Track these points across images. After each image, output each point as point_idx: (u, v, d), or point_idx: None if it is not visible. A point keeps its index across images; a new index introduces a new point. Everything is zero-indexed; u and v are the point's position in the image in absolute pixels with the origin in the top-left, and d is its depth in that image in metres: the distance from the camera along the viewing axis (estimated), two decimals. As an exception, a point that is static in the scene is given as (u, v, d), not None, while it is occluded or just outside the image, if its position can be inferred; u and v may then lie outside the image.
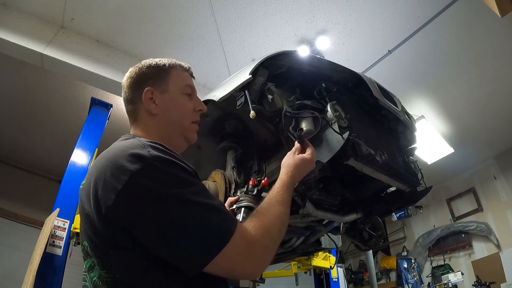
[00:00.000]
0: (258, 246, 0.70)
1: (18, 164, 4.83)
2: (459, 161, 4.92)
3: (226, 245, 0.64)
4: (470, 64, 3.42)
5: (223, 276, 0.69)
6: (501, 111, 4.08)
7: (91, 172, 0.75)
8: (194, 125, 0.94)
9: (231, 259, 0.65)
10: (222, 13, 2.83)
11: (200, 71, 3.37)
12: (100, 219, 0.67)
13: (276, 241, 0.76)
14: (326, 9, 2.84)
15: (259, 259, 0.70)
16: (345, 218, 1.38)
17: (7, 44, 2.65)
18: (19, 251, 4.05)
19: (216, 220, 0.67)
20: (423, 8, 2.83)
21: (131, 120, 0.92)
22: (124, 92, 0.93)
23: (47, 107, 3.79)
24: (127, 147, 0.72)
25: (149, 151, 0.70)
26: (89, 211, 0.70)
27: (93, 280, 0.70)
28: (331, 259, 3.67)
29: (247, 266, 0.68)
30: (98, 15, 2.81)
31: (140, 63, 0.94)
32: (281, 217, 0.79)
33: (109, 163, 0.70)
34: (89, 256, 0.72)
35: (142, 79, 0.90)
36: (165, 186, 0.66)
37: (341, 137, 1.03)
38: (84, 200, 0.73)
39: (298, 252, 1.78)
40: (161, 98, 0.89)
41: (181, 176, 0.69)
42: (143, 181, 0.65)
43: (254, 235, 0.70)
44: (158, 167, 0.68)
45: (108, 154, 0.74)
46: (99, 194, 0.68)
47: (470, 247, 5.09)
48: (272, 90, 1.08)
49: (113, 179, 0.66)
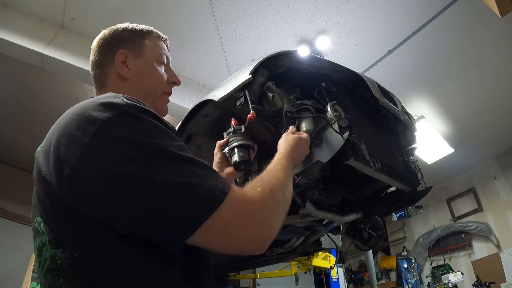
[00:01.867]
0: (260, 205, 0.58)
1: (18, 164, 4.82)
2: (459, 161, 4.92)
3: (221, 204, 0.52)
4: (470, 64, 3.42)
5: (220, 249, 0.56)
6: (501, 111, 4.08)
7: (51, 132, 0.63)
8: (166, 96, 0.89)
9: (228, 221, 0.53)
10: (222, 13, 2.83)
11: (200, 71, 3.37)
12: (60, 182, 0.54)
13: (280, 203, 0.65)
14: (326, 9, 2.84)
15: (263, 221, 0.58)
16: (345, 218, 1.38)
17: (7, 44, 2.64)
18: (19, 251, 4.04)
19: (206, 176, 0.55)
20: (423, 8, 2.83)
21: (98, 85, 0.85)
22: (93, 54, 0.86)
23: (47, 107, 3.79)
24: (97, 99, 0.62)
25: (122, 99, 0.60)
26: (46, 173, 0.57)
27: (44, 264, 0.56)
28: (331, 259, 3.67)
29: (250, 231, 0.56)
30: (98, 15, 2.81)
31: (112, 27, 0.88)
32: (283, 181, 0.69)
33: (75, 117, 0.59)
34: (39, 233, 0.58)
35: (116, 42, 0.84)
36: (143, 135, 0.55)
37: (341, 137, 1.03)
38: (41, 162, 0.61)
39: (298, 252, 1.78)
40: (135, 62, 0.83)
41: (161, 128, 0.59)
42: (115, 130, 0.54)
43: (253, 194, 0.59)
44: (135, 115, 0.57)
45: (73, 109, 0.63)
46: (62, 152, 0.55)
47: (470, 247, 5.09)
48: (273, 89, 1.08)
49: (79, 132, 0.55)
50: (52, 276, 0.54)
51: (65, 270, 0.53)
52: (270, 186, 0.64)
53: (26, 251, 3.08)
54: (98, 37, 0.88)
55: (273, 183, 0.66)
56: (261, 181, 0.65)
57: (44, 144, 0.65)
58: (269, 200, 0.61)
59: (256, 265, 2.06)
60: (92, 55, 0.87)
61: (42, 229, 0.58)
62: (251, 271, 4.07)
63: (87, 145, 0.53)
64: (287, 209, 0.68)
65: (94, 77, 0.86)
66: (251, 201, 0.58)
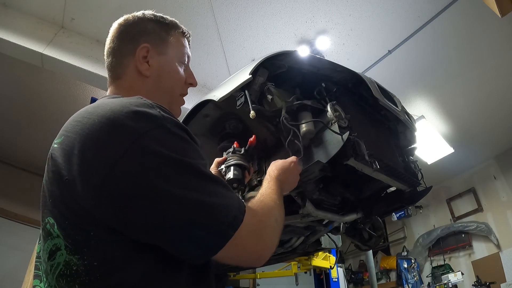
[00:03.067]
0: (265, 225, 0.63)
1: (17, 164, 4.82)
2: (459, 161, 4.92)
3: (241, 224, 0.55)
4: (470, 64, 3.42)
5: (230, 262, 0.58)
6: (501, 111, 4.08)
7: (72, 130, 0.59)
8: (182, 98, 0.86)
9: (245, 240, 0.56)
10: (222, 13, 2.83)
11: (200, 71, 3.37)
12: (87, 190, 0.52)
13: (279, 223, 0.69)
14: (326, 9, 2.84)
15: (269, 240, 0.63)
16: (345, 218, 1.38)
17: (7, 44, 2.64)
18: (19, 251, 4.04)
19: (230, 197, 0.58)
20: (423, 8, 2.83)
21: (113, 75, 0.78)
22: (111, 40, 0.79)
23: (47, 107, 3.79)
24: (130, 104, 0.58)
25: (159, 111, 0.58)
26: (68, 178, 0.54)
27: (56, 268, 0.54)
28: (331, 259, 3.67)
29: (259, 247, 0.60)
30: (98, 15, 2.81)
31: (139, 12, 0.83)
32: (278, 203, 0.74)
33: (105, 121, 0.55)
34: (52, 236, 0.56)
35: (139, 32, 0.79)
36: (178, 153, 0.54)
37: (341, 137, 1.03)
38: (60, 164, 0.56)
39: (298, 252, 1.78)
40: (157, 59, 0.78)
41: (194, 146, 0.60)
42: (152, 145, 0.53)
43: (260, 214, 0.64)
44: (171, 130, 0.56)
45: (99, 110, 0.58)
46: (89, 157, 0.53)
47: (470, 247, 5.09)
48: (272, 91, 1.08)
49: (113, 141, 0.53)
50: (66, 282, 0.53)
51: (81, 277, 0.52)
52: (270, 208, 0.69)
53: (26, 251, 3.08)
54: (119, 21, 0.82)
55: (272, 205, 0.71)
56: (262, 203, 0.70)
57: (62, 141, 0.60)
58: (271, 220, 0.66)
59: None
60: (110, 41, 0.80)
61: (56, 232, 0.55)
62: (251, 271, 4.07)
63: (122, 156, 0.51)
64: (282, 227, 0.73)
65: (109, 65, 0.80)
66: (259, 221, 0.62)
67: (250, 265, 0.66)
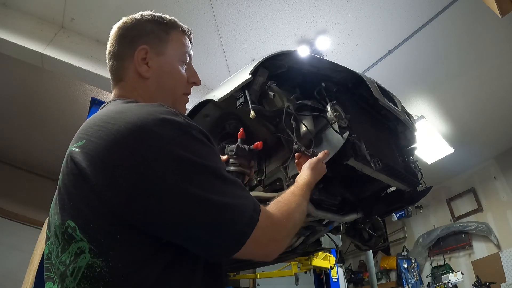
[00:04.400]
0: (282, 228, 0.67)
1: (17, 164, 4.83)
2: (459, 161, 4.92)
3: (256, 226, 0.58)
4: (470, 64, 3.42)
5: (241, 257, 0.61)
6: (501, 111, 4.08)
7: (94, 135, 0.60)
8: (186, 97, 0.85)
9: (258, 241, 0.60)
10: (222, 13, 2.83)
11: (200, 71, 3.33)
12: (118, 194, 0.54)
13: (296, 227, 0.74)
14: (326, 9, 2.84)
15: (281, 241, 0.67)
16: (345, 218, 1.38)
17: (7, 44, 2.65)
18: (19, 251, 4.05)
19: (247, 197, 0.61)
20: (423, 8, 2.83)
21: (115, 78, 0.80)
22: (111, 44, 0.81)
23: (47, 107, 3.79)
24: (155, 111, 0.60)
25: (183, 119, 0.61)
26: (96, 183, 0.55)
27: (78, 271, 0.55)
28: (331, 259, 3.67)
29: (271, 248, 0.65)
30: (98, 15, 2.81)
31: (137, 14, 0.83)
32: (302, 207, 0.78)
33: (132, 127, 0.57)
34: (76, 240, 0.56)
35: (137, 34, 0.79)
36: (202, 158, 0.58)
37: (341, 137, 1.03)
38: (84, 168, 0.57)
39: (298, 252, 1.77)
40: (156, 60, 0.78)
41: (214, 150, 0.63)
42: (179, 151, 0.56)
43: (279, 217, 0.67)
44: (195, 137, 0.60)
45: (125, 117, 0.59)
46: (119, 163, 0.54)
47: (470, 247, 5.09)
48: (273, 88, 1.08)
49: (142, 146, 0.55)
50: (90, 284, 0.54)
51: (105, 278, 0.53)
52: (291, 210, 0.72)
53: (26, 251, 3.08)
54: (117, 25, 0.82)
55: (293, 208, 0.73)
56: (284, 203, 0.72)
57: (84, 145, 0.60)
58: (289, 224, 0.69)
59: (256, 265, 2.06)
60: (111, 45, 0.81)
61: (79, 235, 0.56)
62: (251, 271, 4.06)
63: (152, 161, 0.54)
64: (298, 228, 0.78)
65: (111, 68, 0.81)
66: (275, 222, 0.65)
67: (260, 260, 0.70)
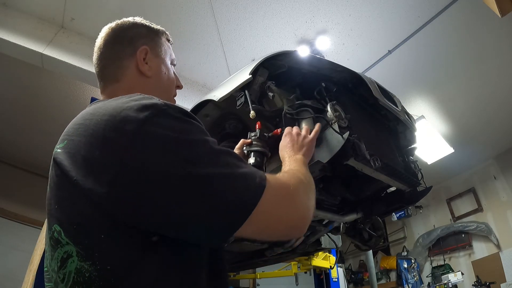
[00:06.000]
0: (294, 190, 0.62)
1: (17, 164, 4.83)
2: (459, 161, 4.92)
3: (263, 194, 0.54)
4: (470, 64, 3.42)
5: (262, 236, 0.58)
6: (501, 111, 4.08)
7: (75, 133, 0.59)
8: (174, 99, 0.88)
9: (270, 206, 0.55)
10: (222, 13, 2.83)
11: (200, 71, 3.38)
12: (101, 186, 0.51)
13: (309, 187, 0.69)
14: (326, 9, 2.84)
15: (298, 204, 0.61)
16: (345, 218, 1.38)
17: (7, 44, 2.64)
18: (19, 251, 4.05)
19: (247, 166, 0.57)
20: (423, 8, 2.83)
21: (109, 79, 0.77)
22: (105, 45, 0.79)
23: (47, 107, 3.79)
24: (130, 99, 0.58)
25: (159, 100, 0.58)
26: (77, 178, 0.53)
27: (69, 277, 0.52)
28: (331, 259, 3.67)
29: (290, 212, 0.59)
30: (98, 15, 2.81)
31: (127, 19, 0.83)
32: (304, 171, 0.75)
33: (108, 118, 0.55)
34: (62, 244, 0.54)
35: (136, 36, 0.80)
36: (184, 134, 0.54)
37: (341, 137, 1.03)
38: (66, 165, 0.55)
39: (298, 252, 1.78)
40: (155, 61, 0.81)
41: (198, 125, 0.58)
42: (157, 130, 0.52)
43: (286, 180, 0.63)
44: (174, 115, 0.56)
45: (101, 110, 0.58)
46: (98, 155, 0.52)
47: (470, 247, 5.09)
48: (273, 89, 1.08)
49: (117, 134, 0.52)
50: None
51: (96, 282, 0.50)
52: (297, 175, 0.69)
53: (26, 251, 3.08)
54: (112, 26, 0.81)
55: (299, 171, 0.73)
56: (291, 172, 0.71)
57: (65, 145, 0.59)
58: (300, 185, 0.66)
59: (256, 265, 2.06)
60: (103, 46, 0.79)
61: (64, 239, 0.54)
62: (251, 271, 4.06)
63: (129, 146, 0.51)
64: (314, 192, 0.72)
65: (103, 69, 0.78)
66: (286, 186, 0.61)
67: (289, 235, 0.67)
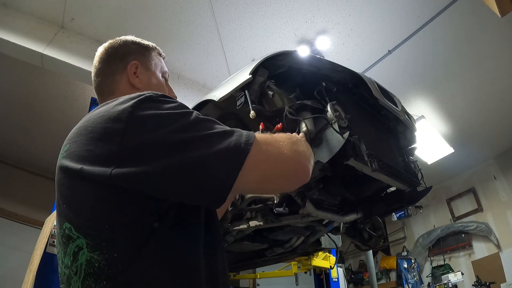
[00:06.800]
0: (285, 139, 0.67)
1: (18, 164, 4.83)
2: (459, 161, 4.92)
3: (250, 149, 0.59)
4: (470, 64, 3.42)
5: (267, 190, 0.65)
6: (501, 110, 4.08)
7: (74, 136, 0.65)
8: None
9: (263, 158, 0.61)
10: (222, 13, 2.83)
11: (200, 71, 3.38)
12: (105, 170, 0.56)
13: (299, 142, 0.71)
14: (326, 9, 2.84)
15: (292, 152, 0.66)
16: (345, 218, 1.38)
17: (7, 44, 2.65)
18: (19, 251, 4.05)
19: (232, 132, 0.62)
20: (423, 8, 2.83)
21: (106, 93, 0.85)
22: (100, 62, 0.87)
23: (47, 107, 3.79)
24: (120, 99, 0.65)
25: (145, 92, 0.65)
26: (84, 168, 0.58)
27: (80, 269, 0.56)
28: (331, 259, 3.67)
29: (283, 160, 0.64)
30: (98, 15, 2.81)
31: (119, 37, 0.91)
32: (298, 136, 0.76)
33: (101, 114, 0.62)
34: (73, 239, 0.58)
35: (127, 52, 0.88)
36: (171, 109, 0.61)
37: (341, 137, 1.03)
38: (70, 164, 0.61)
39: (298, 252, 1.78)
40: (145, 74, 0.87)
41: (183, 104, 0.65)
42: (146, 111, 0.59)
43: (277, 135, 0.69)
44: (158, 99, 0.63)
45: (94, 114, 0.65)
46: (99, 145, 0.58)
47: (470, 247, 5.09)
48: (272, 88, 1.09)
49: (112, 123, 0.59)
50: (94, 280, 0.54)
51: (105, 272, 0.54)
52: (286, 134, 0.73)
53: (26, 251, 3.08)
54: (105, 46, 0.90)
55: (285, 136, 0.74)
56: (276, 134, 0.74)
57: (68, 148, 0.65)
58: (289, 136, 0.70)
59: (256, 265, 2.06)
60: (99, 63, 0.88)
61: (75, 234, 0.58)
62: (251, 271, 4.07)
63: (125, 130, 0.57)
64: (307, 145, 0.76)
65: (100, 84, 0.87)
66: (274, 141, 0.66)
67: (293, 184, 0.69)
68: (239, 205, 1.24)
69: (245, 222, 1.33)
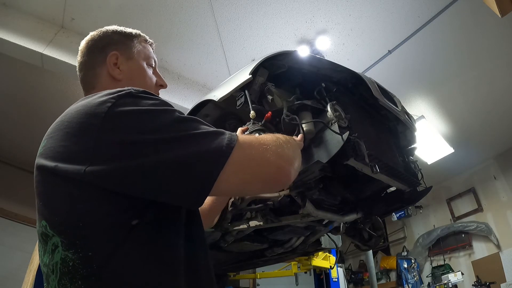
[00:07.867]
0: (269, 142, 0.65)
1: (18, 164, 4.82)
2: (459, 161, 4.92)
3: (231, 152, 0.57)
4: (470, 64, 3.42)
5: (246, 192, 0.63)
6: (501, 110, 4.08)
7: (51, 132, 0.64)
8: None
9: (241, 165, 0.59)
10: (222, 13, 2.83)
11: (200, 71, 3.37)
12: (79, 168, 0.54)
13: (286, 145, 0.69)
14: (326, 9, 2.84)
15: (271, 156, 0.63)
16: (345, 218, 1.38)
17: (7, 44, 2.64)
18: (19, 251, 4.05)
19: (215, 133, 0.60)
20: (423, 8, 2.83)
21: (88, 87, 0.84)
22: (81, 55, 0.87)
23: (47, 107, 3.79)
24: (99, 93, 0.64)
25: (124, 88, 0.63)
26: (58, 165, 0.57)
27: (56, 268, 0.55)
28: (331, 259, 3.67)
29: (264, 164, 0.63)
30: (98, 15, 2.81)
31: (100, 29, 0.90)
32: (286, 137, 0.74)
33: (80, 108, 0.60)
34: (49, 237, 0.57)
35: (106, 43, 0.86)
36: (150, 106, 0.59)
37: (341, 137, 1.03)
38: (47, 161, 0.60)
39: (298, 252, 1.78)
40: (126, 64, 0.85)
41: (164, 101, 0.63)
42: (124, 107, 0.57)
43: (261, 136, 0.67)
44: (138, 95, 0.61)
45: (73, 108, 0.63)
46: (74, 140, 0.57)
47: (470, 247, 5.09)
48: (272, 91, 1.08)
49: (89, 118, 0.57)
50: (69, 279, 0.53)
51: (79, 271, 0.53)
52: (274, 135, 0.71)
53: (26, 251, 3.08)
54: (86, 38, 0.89)
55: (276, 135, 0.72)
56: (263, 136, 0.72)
57: (44, 145, 0.64)
58: (274, 138, 0.68)
59: (256, 265, 2.06)
60: (81, 57, 0.87)
61: (50, 232, 0.57)
62: (251, 271, 4.07)
63: (101, 126, 0.55)
64: (295, 147, 0.75)
65: (83, 78, 0.85)
66: (257, 144, 0.64)
67: (272, 187, 0.67)
68: (239, 205, 1.24)
69: (245, 222, 1.33)
